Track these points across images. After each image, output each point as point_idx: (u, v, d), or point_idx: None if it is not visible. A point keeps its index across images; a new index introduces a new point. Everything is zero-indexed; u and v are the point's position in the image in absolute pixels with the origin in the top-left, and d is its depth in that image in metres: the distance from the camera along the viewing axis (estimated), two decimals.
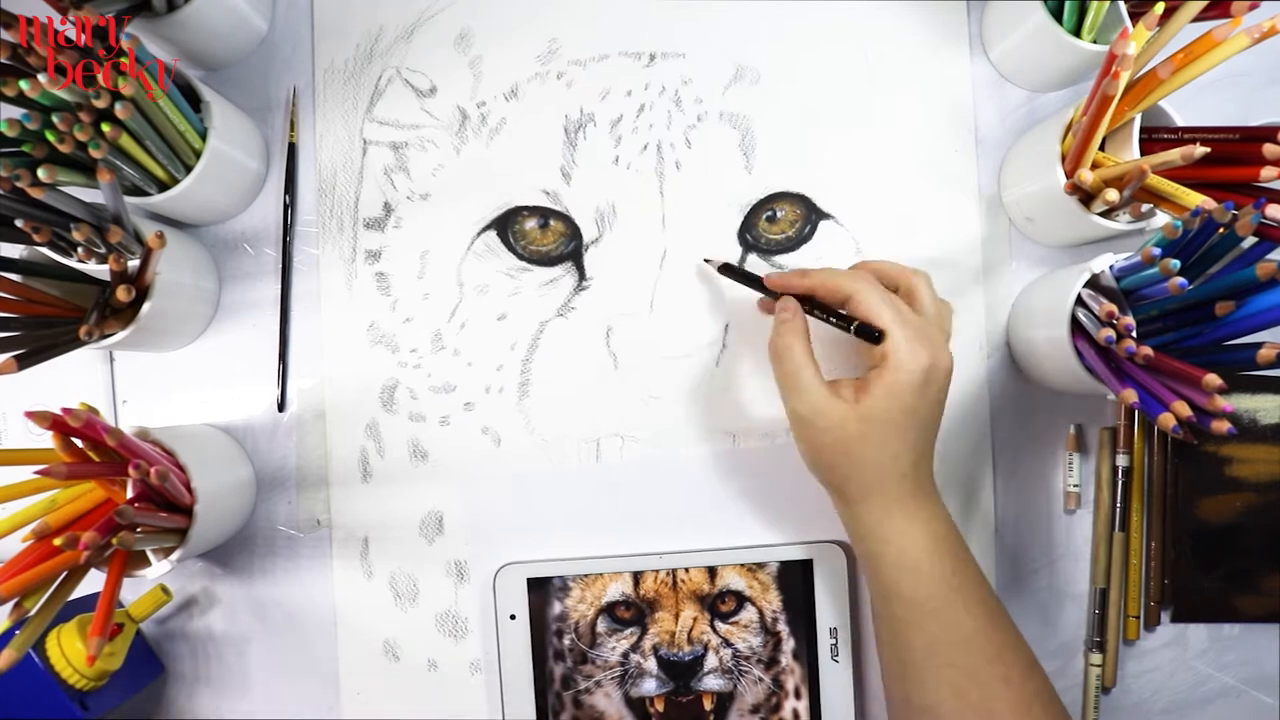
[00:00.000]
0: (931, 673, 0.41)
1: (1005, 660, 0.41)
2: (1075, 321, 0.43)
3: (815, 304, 0.45)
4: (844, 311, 0.44)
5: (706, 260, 0.50)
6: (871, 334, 0.42)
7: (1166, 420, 0.37)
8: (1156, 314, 0.41)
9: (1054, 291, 0.45)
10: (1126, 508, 0.50)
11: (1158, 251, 0.38)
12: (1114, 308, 0.40)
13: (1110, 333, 0.39)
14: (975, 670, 0.41)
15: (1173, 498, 0.50)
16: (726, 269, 0.49)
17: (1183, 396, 0.37)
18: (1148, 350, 0.38)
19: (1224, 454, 0.49)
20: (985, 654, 0.41)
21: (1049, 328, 0.45)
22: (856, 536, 0.44)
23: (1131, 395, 0.38)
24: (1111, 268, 0.43)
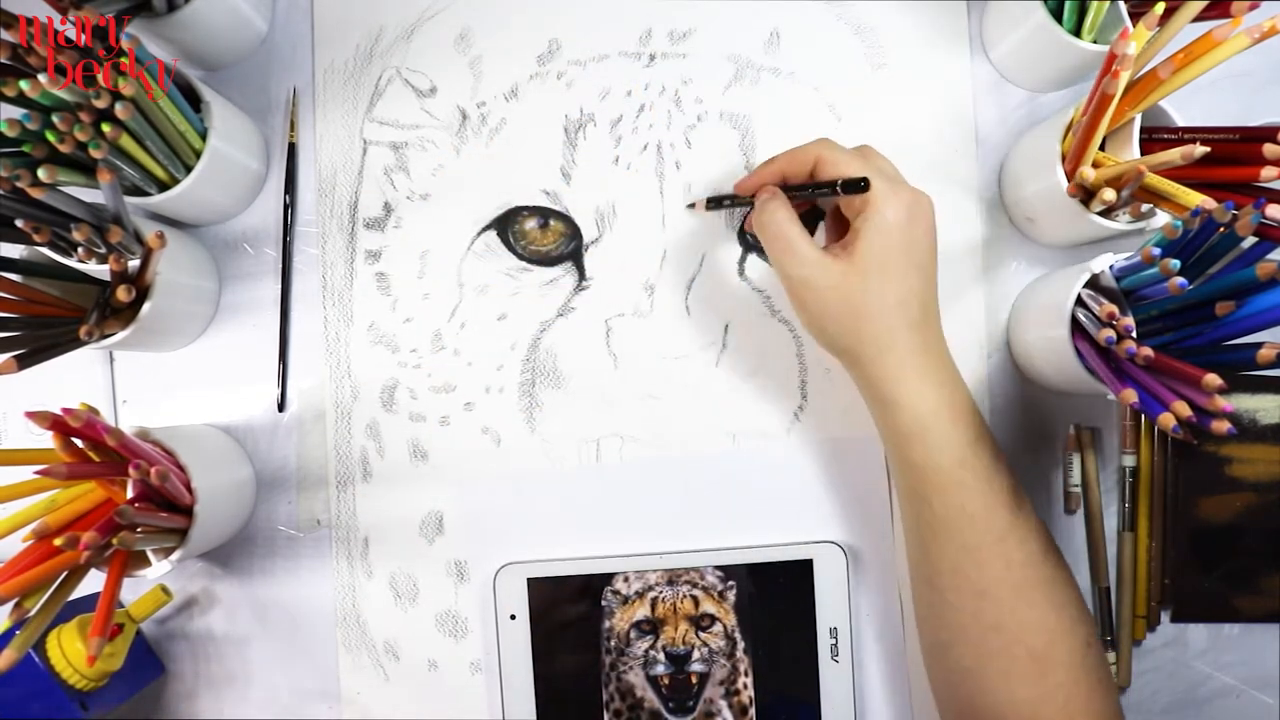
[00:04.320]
0: (937, 547, 0.42)
1: (1009, 542, 0.41)
2: (1075, 322, 0.43)
3: (790, 188, 0.46)
4: (819, 181, 0.44)
5: (690, 205, 0.51)
6: (857, 184, 0.42)
7: (1166, 420, 0.37)
8: (1156, 314, 0.41)
9: (1054, 292, 0.45)
10: (1134, 507, 0.50)
11: (1158, 251, 0.38)
12: (1114, 308, 0.40)
13: (1110, 333, 0.39)
14: (978, 549, 0.41)
15: (1173, 498, 0.50)
16: (712, 203, 0.50)
17: (1183, 396, 0.37)
18: (1148, 351, 0.38)
19: (1224, 454, 0.49)
20: (991, 532, 0.41)
21: (1049, 328, 0.45)
22: (871, 400, 0.44)
23: (1131, 395, 0.38)
24: (1111, 268, 0.43)
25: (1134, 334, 0.39)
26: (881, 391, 0.43)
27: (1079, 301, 0.43)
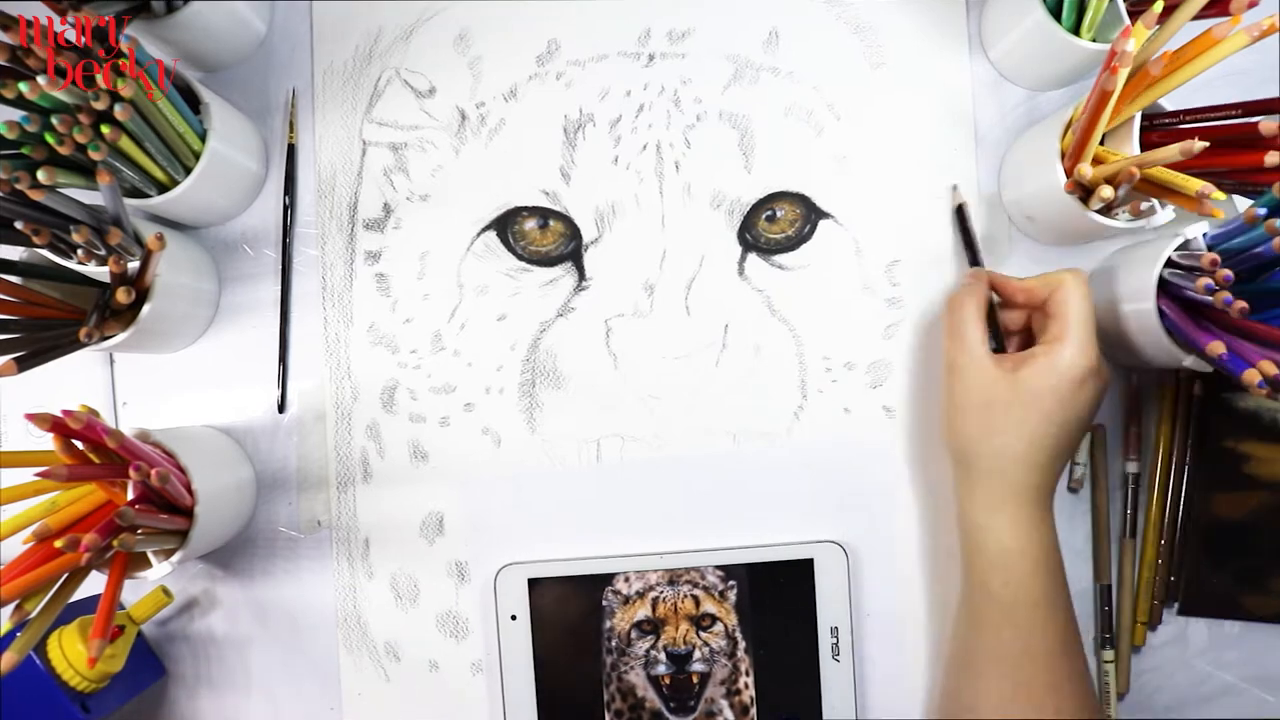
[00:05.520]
0: (988, 677, 0.43)
1: (1062, 692, 0.41)
2: (1161, 287, 0.43)
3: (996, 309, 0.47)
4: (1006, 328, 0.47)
5: (955, 187, 0.51)
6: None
7: (1251, 376, 0.37)
8: (1236, 294, 0.41)
9: (1138, 260, 0.46)
10: (1135, 513, 0.50)
11: (1262, 211, 0.38)
12: (1216, 256, 0.39)
13: (1209, 280, 0.39)
14: (1030, 689, 0.41)
15: (1189, 493, 0.50)
16: (961, 214, 0.50)
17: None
18: (1243, 304, 0.38)
19: (1242, 451, 0.49)
20: (1046, 679, 0.41)
21: (1131, 297, 0.45)
22: (965, 517, 0.45)
23: (1220, 346, 0.38)
24: (1205, 235, 0.43)
25: (1232, 281, 0.39)
26: (979, 513, 0.44)
27: (1166, 266, 0.43)
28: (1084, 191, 0.44)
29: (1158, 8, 0.38)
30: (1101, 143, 0.44)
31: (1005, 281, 0.46)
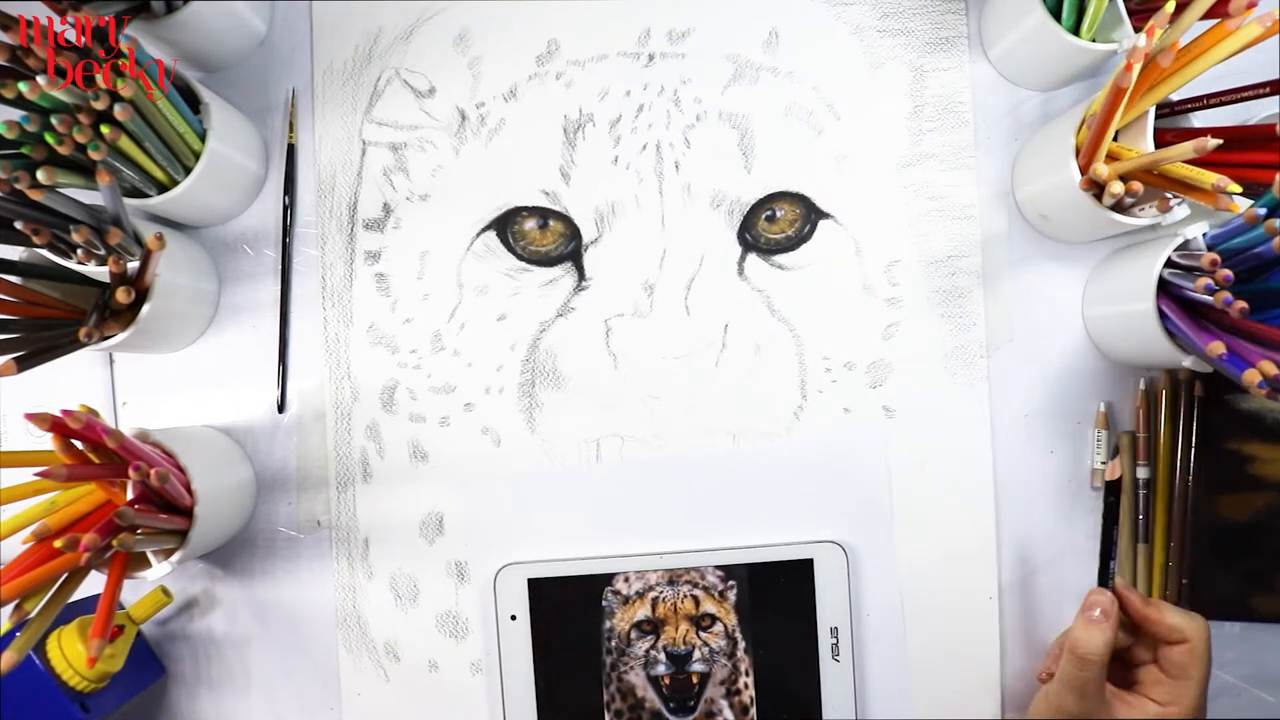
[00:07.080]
0: None
1: None
2: (1161, 288, 0.43)
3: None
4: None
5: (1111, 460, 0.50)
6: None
7: (1251, 376, 0.37)
8: (1236, 295, 0.41)
9: (1138, 260, 0.45)
10: (1149, 519, 0.50)
11: (1262, 212, 0.38)
12: (1216, 256, 0.39)
13: (1209, 281, 0.39)
14: None
15: (1195, 496, 0.49)
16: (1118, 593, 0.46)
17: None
18: (1243, 304, 0.38)
19: (1246, 452, 0.49)
20: None
21: (1131, 297, 0.45)
22: None
23: (1220, 347, 0.38)
24: (1205, 235, 0.43)
25: (1232, 281, 0.39)
26: None
27: (1166, 266, 0.43)
28: (1098, 188, 0.44)
29: (1169, 7, 0.38)
30: (1115, 139, 0.44)
31: (1127, 601, 0.45)
